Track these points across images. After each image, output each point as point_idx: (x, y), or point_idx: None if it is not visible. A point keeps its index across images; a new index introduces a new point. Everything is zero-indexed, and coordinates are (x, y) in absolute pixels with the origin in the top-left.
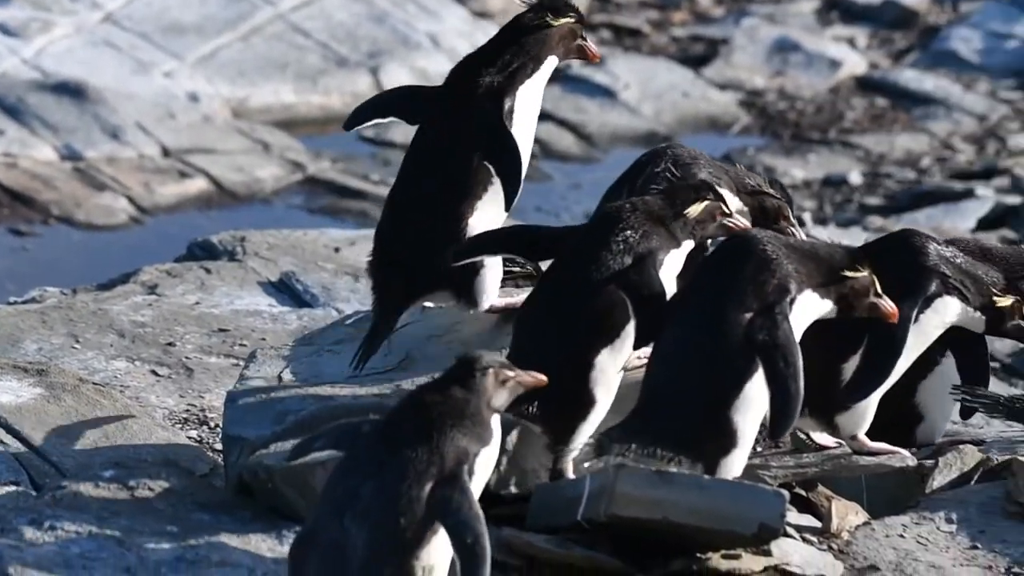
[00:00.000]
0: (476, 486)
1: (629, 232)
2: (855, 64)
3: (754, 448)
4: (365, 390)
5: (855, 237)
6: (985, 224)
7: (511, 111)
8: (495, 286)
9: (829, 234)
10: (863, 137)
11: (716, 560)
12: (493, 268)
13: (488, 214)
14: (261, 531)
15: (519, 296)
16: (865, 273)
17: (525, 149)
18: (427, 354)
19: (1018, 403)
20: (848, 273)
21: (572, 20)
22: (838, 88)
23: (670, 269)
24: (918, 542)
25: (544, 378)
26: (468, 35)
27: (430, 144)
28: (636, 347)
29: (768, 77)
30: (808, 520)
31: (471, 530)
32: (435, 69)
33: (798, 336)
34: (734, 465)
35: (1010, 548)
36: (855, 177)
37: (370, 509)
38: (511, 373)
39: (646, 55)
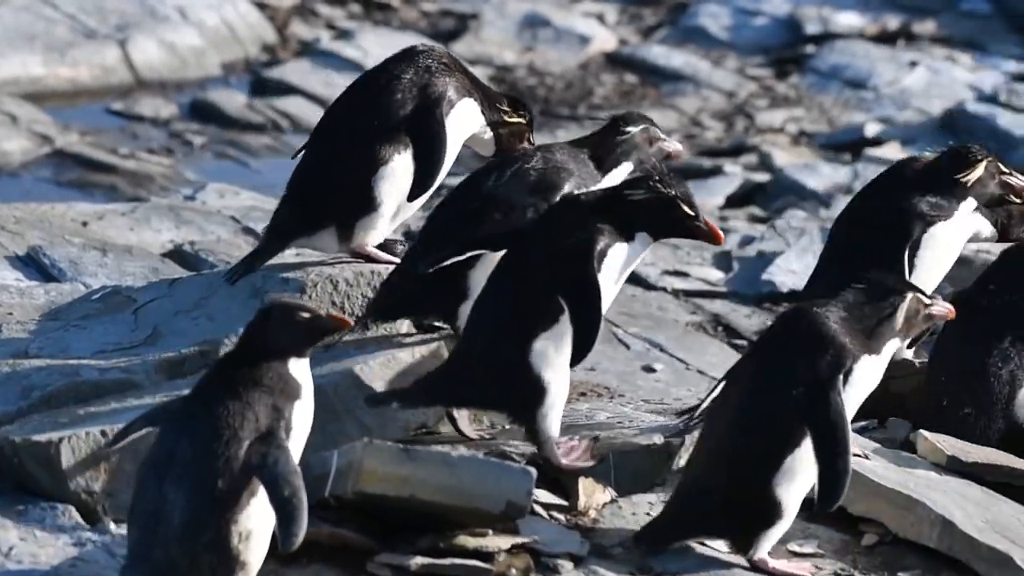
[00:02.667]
0: (295, 441)
1: (573, 223)
2: (604, 40)
3: None
4: (112, 363)
5: None
6: (733, 201)
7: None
8: (377, 233)
9: None
10: (612, 113)
11: (463, 538)
12: (384, 217)
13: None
14: (6, 507)
15: (389, 257)
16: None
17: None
18: (174, 329)
19: None
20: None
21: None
22: (587, 64)
23: (614, 262)
24: None
25: (348, 319)
26: (217, 7)
27: (368, 103)
28: (576, 336)
29: (518, 52)
30: (555, 498)
31: (288, 484)
32: (184, 42)
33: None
34: (775, 538)
35: None
36: None
37: (186, 472)
38: (306, 315)
39: (396, 29)
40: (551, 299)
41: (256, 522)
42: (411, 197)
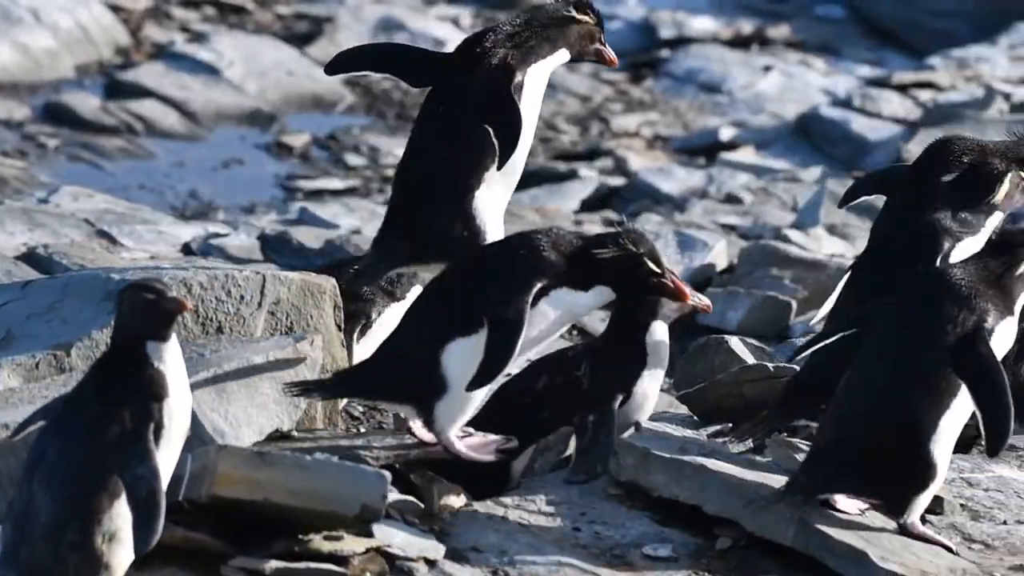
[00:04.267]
0: (170, 438)
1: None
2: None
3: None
4: None
5: None
6: (588, 205)
7: (520, 85)
8: None
9: None
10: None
11: (318, 541)
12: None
13: (495, 188)
14: None
15: None
16: None
17: (528, 125)
18: (27, 332)
19: None
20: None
21: (593, 21)
22: None
23: (555, 304)
24: (520, 524)
25: (188, 304)
26: (70, 10)
27: (441, 114)
28: (485, 357)
29: None
30: (410, 502)
31: (146, 485)
32: (37, 44)
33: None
34: (927, 501)
35: (610, 530)
36: None
37: (53, 473)
38: (151, 295)
39: (251, 32)
40: (474, 310)
41: (121, 524)
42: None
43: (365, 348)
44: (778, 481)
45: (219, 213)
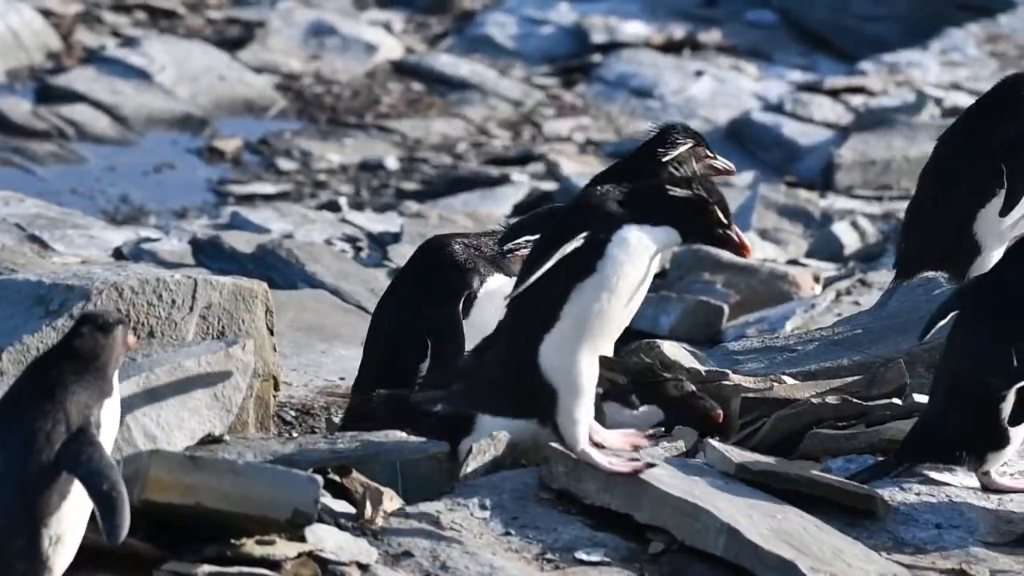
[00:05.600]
0: (105, 439)
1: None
2: (391, 48)
3: None
4: None
5: (391, 222)
6: (521, 210)
7: None
8: None
9: (366, 219)
10: (399, 122)
11: (250, 546)
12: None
13: None
14: None
15: None
16: None
17: None
18: None
19: None
20: None
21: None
22: (374, 72)
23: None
24: (452, 528)
25: (136, 342)
26: (1, 15)
27: None
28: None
29: (304, 61)
30: (343, 505)
31: (105, 478)
32: None
33: None
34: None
35: (542, 534)
36: (391, 162)
37: (1, 476)
38: (132, 330)
39: (182, 37)
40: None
41: (67, 526)
42: None
43: (471, 320)
44: (711, 485)
45: (150, 218)
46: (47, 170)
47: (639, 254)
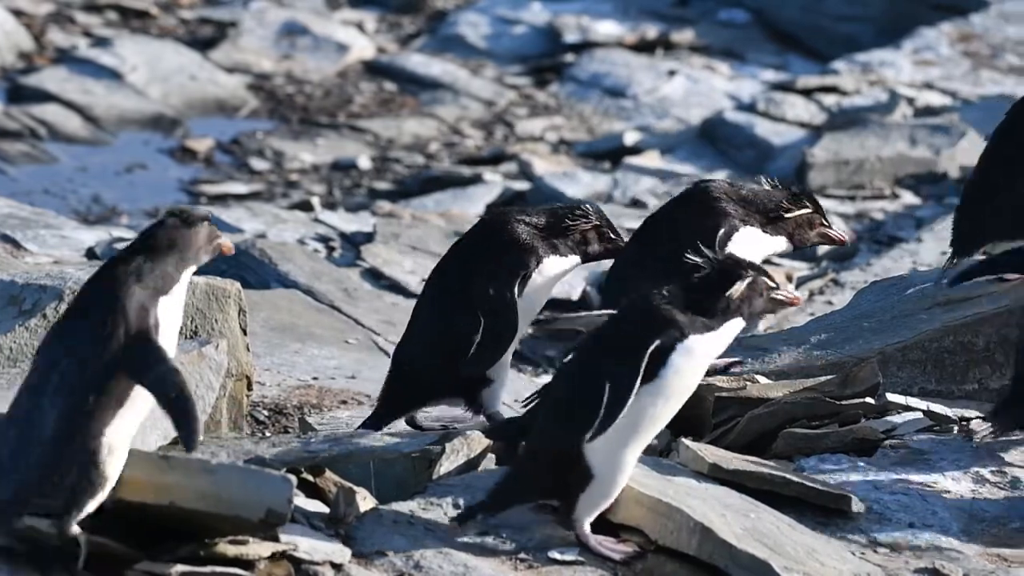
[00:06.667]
0: (166, 338)
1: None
2: (363, 48)
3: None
4: None
5: (364, 222)
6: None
7: None
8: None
9: (339, 218)
10: (371, 122)
11: (224, 545)
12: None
13: None
14: None
15: None
16: None
17: None
18: None
19: None
20: None
21: (810, 210)
22: (346, 72)
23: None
24: (426, 528)
25: (231, 245)
26: None
27: None
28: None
29: (276, 61)
30: (316, 505)
31: (171, 384)
32: None
33: None
34: None
35: (516, 534)
36: (364, 162)
37: (63, 381)
38: (218, 232)
39: (154, 37)
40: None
41: (122, 436)
42: None
43: (521, 299)
44: (685, 484)
45: (123, 218)
46: (19, 170)
47: (701, 363)
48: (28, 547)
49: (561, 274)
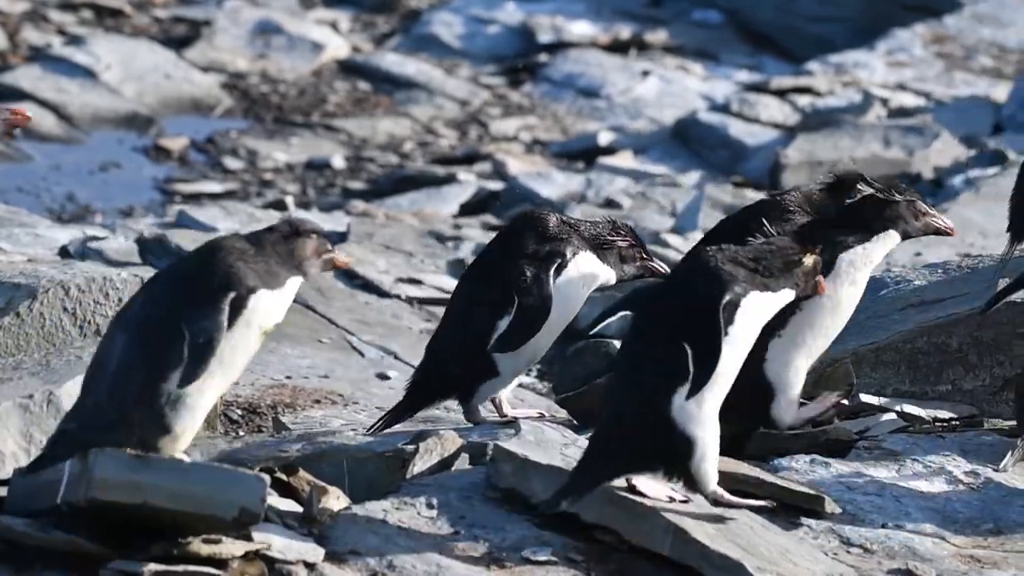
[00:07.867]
0: (253, 324)
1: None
2: (337, 48)
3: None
4: None
5: (338, 221)
6: (467, 209)
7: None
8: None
9: (313, 218)
10: (346, 121)
11: (197, 544)
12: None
13: None
14: None
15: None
16: None
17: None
18: None
19: None
20: None
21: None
22: (321, 71)
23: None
24: (399, 527)
25: (347, 260)
26: None
27: None
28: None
29: (251, 60)
30: (290, 505)
31: (206, 334)
32: None
33: None
34: None
35: (489, 533)
36: (338, 161)
37: (131, 326)
38: (330, 247)
39: (128, 36)
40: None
41: (189, 388)
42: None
43: (559, 289)
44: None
45: (97, 216)
46: None
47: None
48: (5, 547)
49: (593, 278)
